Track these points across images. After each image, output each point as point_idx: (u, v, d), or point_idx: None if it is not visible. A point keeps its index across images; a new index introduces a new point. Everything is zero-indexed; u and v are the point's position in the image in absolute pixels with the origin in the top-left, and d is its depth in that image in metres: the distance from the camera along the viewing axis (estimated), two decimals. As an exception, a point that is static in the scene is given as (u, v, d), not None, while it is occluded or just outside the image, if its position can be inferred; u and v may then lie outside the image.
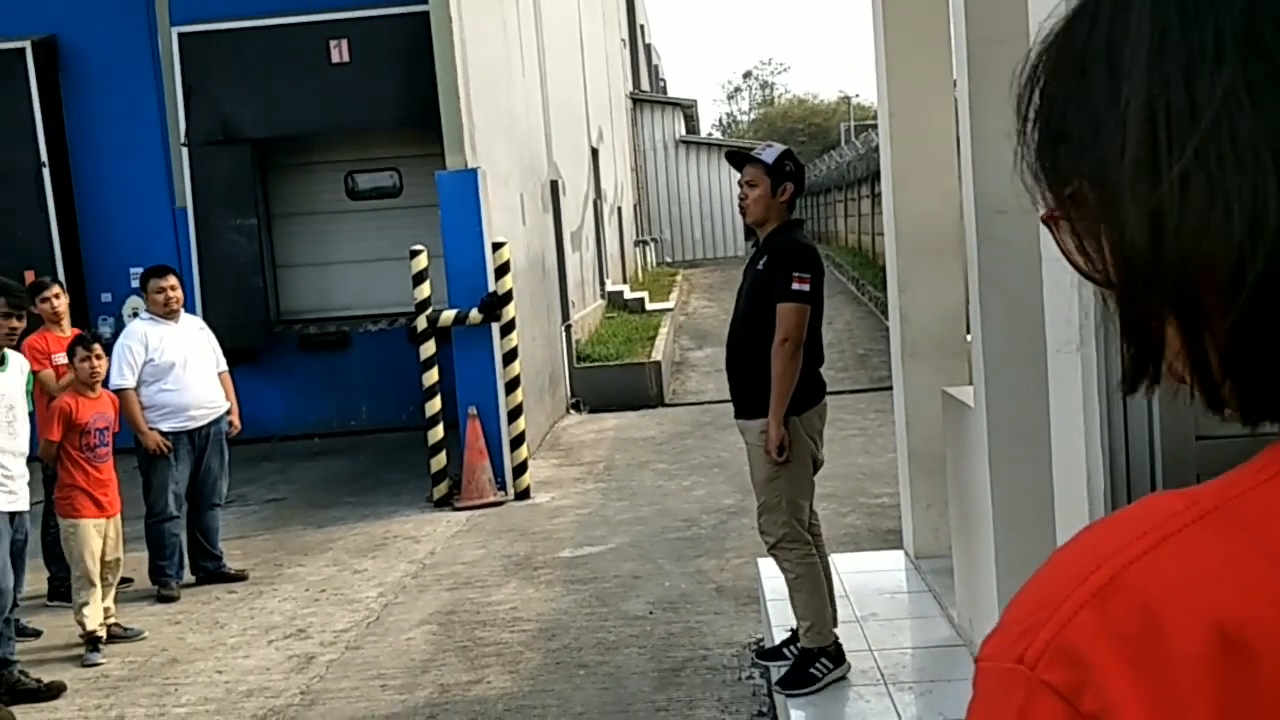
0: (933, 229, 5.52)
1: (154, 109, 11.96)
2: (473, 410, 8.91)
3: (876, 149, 14.15)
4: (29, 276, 10.52)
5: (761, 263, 4.45)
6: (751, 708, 4.78)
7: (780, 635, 4.79)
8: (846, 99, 59.96)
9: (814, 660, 4.32)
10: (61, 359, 6.59)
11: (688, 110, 33.88)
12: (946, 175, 5.45)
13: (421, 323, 8.93)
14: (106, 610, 6.23)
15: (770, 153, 4.50)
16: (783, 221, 4.48)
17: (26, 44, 11.59)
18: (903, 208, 5.59)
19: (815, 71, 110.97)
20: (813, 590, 4.38)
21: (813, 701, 4.22)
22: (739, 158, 4.62)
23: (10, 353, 5.40)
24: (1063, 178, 0.63)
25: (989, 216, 3.97)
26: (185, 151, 11.75)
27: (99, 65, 11.99)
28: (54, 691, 5.49)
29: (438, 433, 8.94)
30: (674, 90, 51.78)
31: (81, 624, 6.02)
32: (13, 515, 5.32)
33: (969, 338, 5.12)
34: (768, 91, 74.91)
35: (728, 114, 77.01)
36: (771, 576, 5.49)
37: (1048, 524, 3.93)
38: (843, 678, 4.34)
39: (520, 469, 9.05)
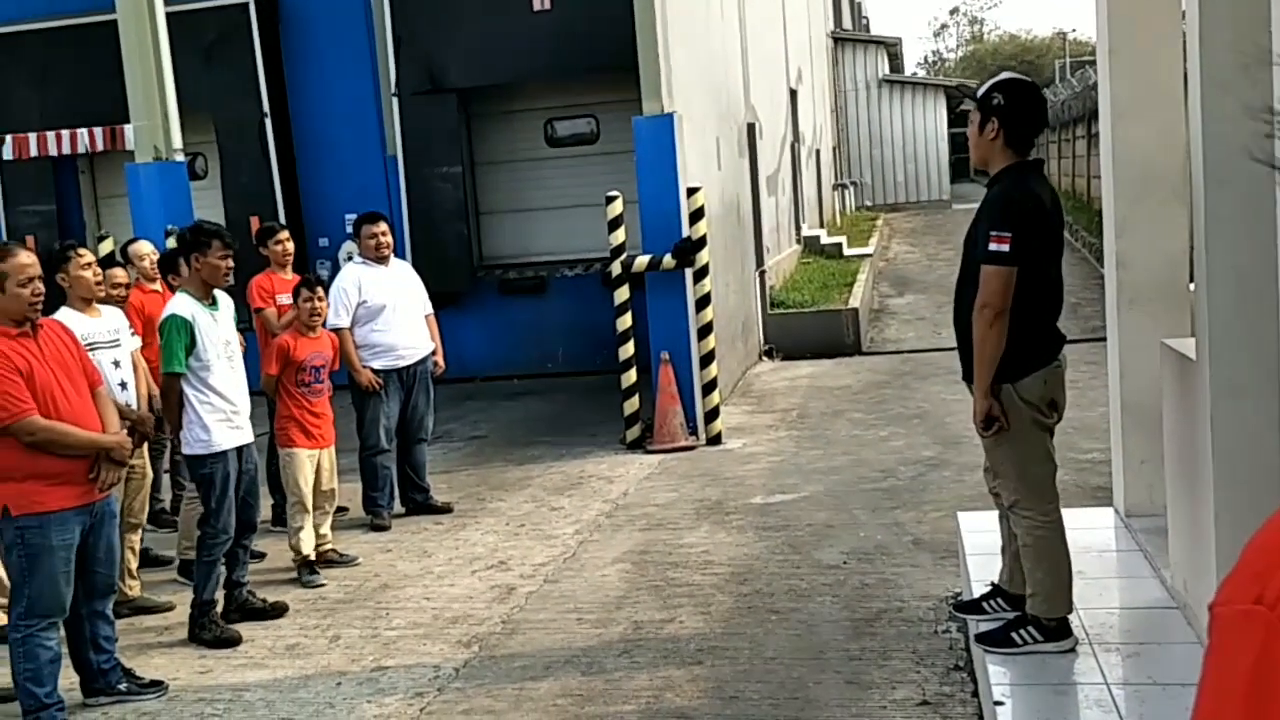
0: (1155, 171, 5.19)
1: (366, 61, 12.43)
2: (665, 355, 8.97)
3: (1093, 87, 13.42)
4: (254, 223, 11.19)
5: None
6: (948, 661, 4.70)
7: (979, 590, 4.67)
8: (1061, 34, 56.95)
9: (1023, 626, 4.14)
10: (285, 299, 7.00)
11: (891, 49, 32.87)
12: (1171, 114, 5.11)
13: (616, 268, 9.03)
14: (323, 537, 6.62)
15: (985, 85, 4.16)
16: (1008, 164, 4.07)
17: (250, 0, 12.21)
18: (1122, 148, 5.28)
19: (1028, 6, 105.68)
20: (1038, 560, 4.09)
21: (1013, 659, 4.10)
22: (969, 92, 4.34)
23: (219, 292, 5.73)
24: None
25: (1219, 157, 3.70)
26: (396, 101, 12.18)
27: (315, 19, 12.53)
28: (278, 611, 5.88)
29: (631, 377, 9.06)
30: (877, 28, 50.39)
31: (295, 548, 6.43)
32: (240, 449, 5.67)
33: (1192, 286, 4.82)
34: (977, 28, 71.89)
35: (933, 52, 74.55)
36: (972, 531, 5.37)
37: (1273, 483, 3.70)
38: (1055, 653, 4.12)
39: (712, 414, 9.08)
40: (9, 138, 10.32)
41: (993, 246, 3.91)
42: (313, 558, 6.45)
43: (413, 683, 4.92)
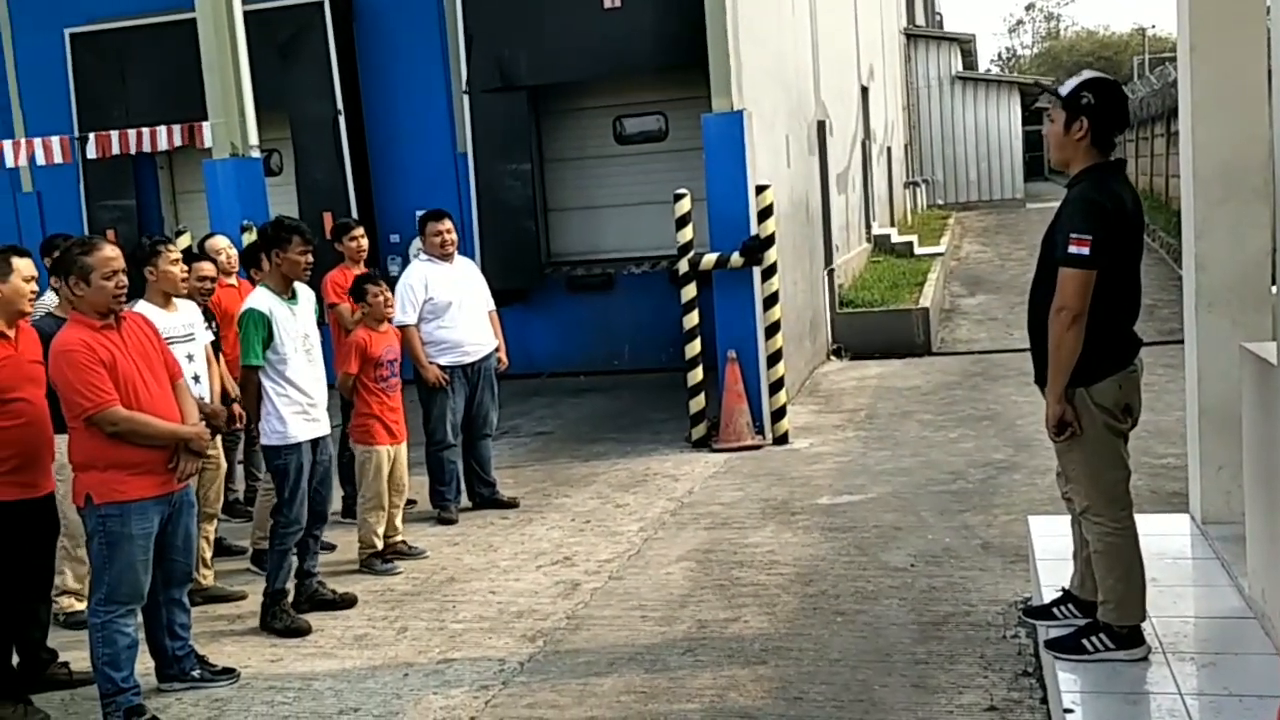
0: (1236, 170, 5.07)
1: (438, 59, 12.55)
2: (732, 354, 8.95)
3: (1173, 84, 13.13)
4: (327, 218, 11.37)
5: (1056, 213, 4.09)
6: (1016, 667, 4.63)
7: (1050, 595, 4.60)
8: (1141, 30, 55.88)
9: (1094, 633, 4.07)
10: (359, 296, 7.12)
11: (965, 45, 32.45)
12: (1254, 112, 4.98)
13: (683, 266, 9.02)
14: (394, 529, 6.71)
15: (1070, 83, 4.06)
16: (1090, 164, 4.01)
17: (325, -1, 12.40)
18: (1202, 147, 5.16)
19: (1106, 1, 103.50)
20: (1110, 568, 4.02)
21: (1084, 666, 4.03)
22: (1046, 89, 4.24)
23: (299, 285, 5.83)
24: None
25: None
26: (466, 99, 12.29)
27: (389, 17, 12.69)
28: (347, 602, 5.97)
29: (697, 375, 9.05)
30: (950, 24, 49.71)
31: (366, 542, 6.53)
32: (315, 441, 5.77)
33: (1274, 289, 4.70)
34: (1053, 24, 70.89)
35: (1008, 49, 73.62)
36: (1043, 535, 5.29)
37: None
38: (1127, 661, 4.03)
39: (779, 414, 9.04)
40: (92, 136, 10.58)
41: (1072, 249, 3.85)
42: (380, 549, 6.54)
43: (478, 675, 4.96)
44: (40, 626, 5.09)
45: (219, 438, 6.24)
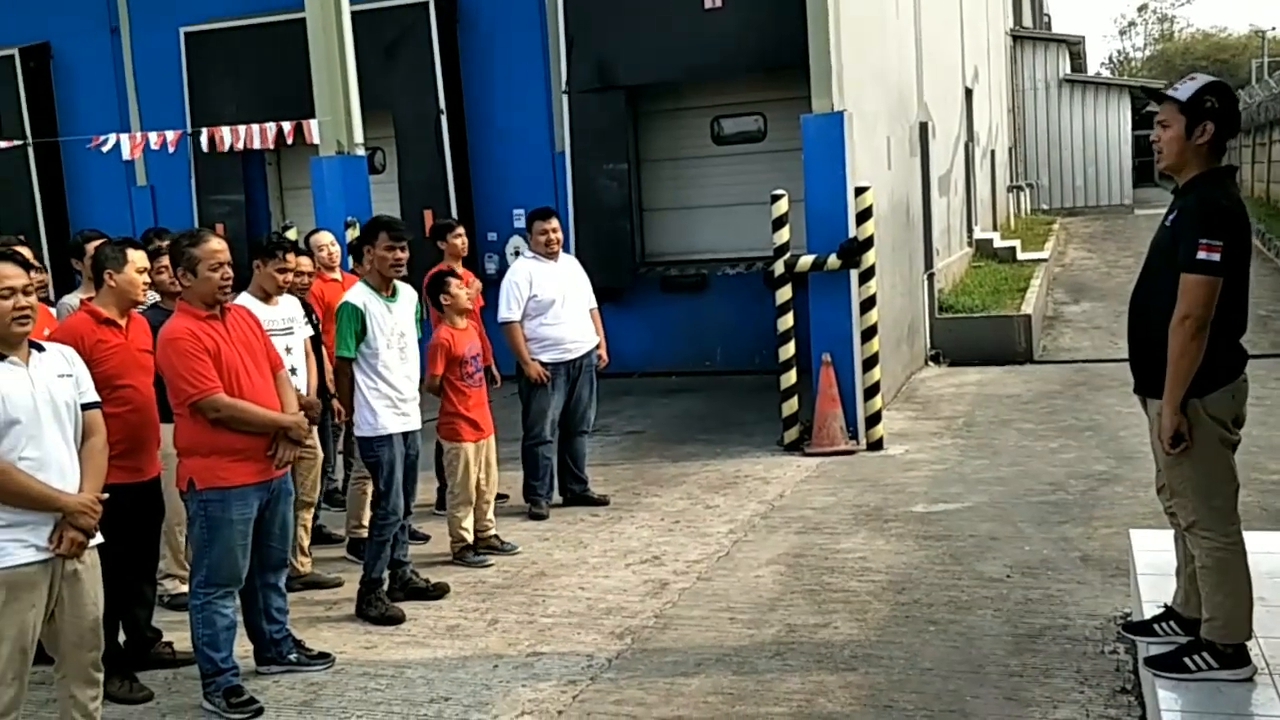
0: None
1: (539, 59, 12.66)
2: (827, 357, 8.86)
3: (1294, 86, 12.63)
4: (428, 216, 11.55)
5: (1170, 219, 3.95)
6: (1114, 683, 4.50)
7: (1150, 611, 4.46)
8: (1260, 33, 53.91)
9: (1196, 651, 3.95)
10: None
11: (1073, 47, 31.68)
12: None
13: (779, 267, 8.95)
14: (489, 522, 6.77)
15: (1188, 87, 3.92)
16: (1204, 170, 3.91)
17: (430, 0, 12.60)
18: (1325, 151, 4.96)
19: (1222, 2, 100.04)
20: (1217, 584, 3.90)
21: (1185, 685, 3.90)
22: (1158, 95, 4.12)
23: (400, 284, 5.93)
24: None
25: None
26: (565, 99, 12.37)
27: (491, 19, 12.84)
28: (439, 592, 6.05)
29: (790, 378, 8.97)
30: (1059, 26, 48.74)
31: (456, 535, 6.60)
32: (406, 434, 5.86)
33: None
34: (1166, 25, 68.82)
35: (1119, 51, 71.66)
36: (1145, 549, 5.13)
37: None
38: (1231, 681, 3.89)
39: (873, 419, 8.92)
40: (204, 131, 10.91)
41: (1202, 255, 3.73)
42: (471, 543, 6.61)
43: (566, 670, 4.99)
44: (145, 606, 5.26)
45: (315, 428, 6.36)
